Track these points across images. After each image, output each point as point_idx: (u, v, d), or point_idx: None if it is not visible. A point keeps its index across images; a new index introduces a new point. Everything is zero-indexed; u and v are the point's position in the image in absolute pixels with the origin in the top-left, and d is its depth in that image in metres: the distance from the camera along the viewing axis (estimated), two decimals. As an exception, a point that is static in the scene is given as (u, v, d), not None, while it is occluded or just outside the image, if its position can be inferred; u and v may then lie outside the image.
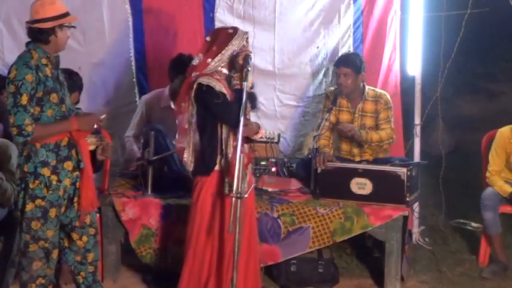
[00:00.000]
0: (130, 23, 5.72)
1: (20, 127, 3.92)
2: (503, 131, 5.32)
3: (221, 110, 4.12)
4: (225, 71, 4.20)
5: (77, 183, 4.18)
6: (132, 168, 5.16)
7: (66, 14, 4.09)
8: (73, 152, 4.14)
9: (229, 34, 4.20)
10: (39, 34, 4.05)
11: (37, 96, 3.98)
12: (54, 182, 4.07)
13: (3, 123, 5.09)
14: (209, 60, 4.16)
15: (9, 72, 3.99)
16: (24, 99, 3.92)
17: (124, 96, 5.84)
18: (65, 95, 4.19)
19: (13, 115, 3.93)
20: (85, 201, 4.19)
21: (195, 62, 4.23)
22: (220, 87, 4.13)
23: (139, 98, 5.75)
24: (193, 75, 4.19)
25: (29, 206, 4.07)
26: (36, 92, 3.97)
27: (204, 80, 4.13)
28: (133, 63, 5.80)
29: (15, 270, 4.69)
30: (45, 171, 4.05)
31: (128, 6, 5.71)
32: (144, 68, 5.83)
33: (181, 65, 5.07)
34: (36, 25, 4.03)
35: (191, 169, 4.29)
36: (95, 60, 5.79)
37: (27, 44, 4.10)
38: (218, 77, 4.17)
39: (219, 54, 4.15)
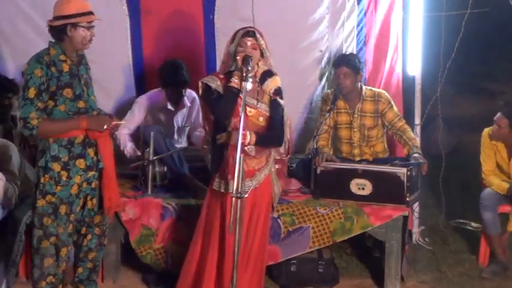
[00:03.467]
0: (128, 25, 5.65)
1: (25, 120, 4.00)
2: (484, 133, 5.40)
3: (211, 105, 4.27)
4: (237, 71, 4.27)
5: (93, 183, 4.20)
6: (132, 168, 5.15)
7: (81, 14, 4.06)
8: (90, 150, 4.16)
9: (231, 37, 4.31)
10: (53, 32, 4.11)
11: (50, 91, 4.04)
12: (63, 178, 4.10)
13: (3, 124, 5.09)
14: (222, 62, 4.38)
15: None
16: (31, 93, 4.00)
17: (122, 98, 5.79)
18: (88, 93, 4.21)
19: (21, 108, 4.03)
20: (108, 203, 4.22)
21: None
22: (218, 85, 4.25)
23: (137, 100, 5.74)
24: None
25: (40, 202, 4.12)
26: (49, 87, 4.03)
27: (204, 79, 4.32)
28: (131, 65, 5.74)
29: (15, 270, 4.70)
30: (55, 167, 4.09)
31: (125, 8, 5.62)
32: (142, 70, 5.77)
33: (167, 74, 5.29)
34: (50, 23, 4.11)
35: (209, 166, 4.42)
36: (92, 62, 5.74)
37: (50, 41, 4.17)
38: (222, 77, 4.29)
39: (225, 56, 4.34)
